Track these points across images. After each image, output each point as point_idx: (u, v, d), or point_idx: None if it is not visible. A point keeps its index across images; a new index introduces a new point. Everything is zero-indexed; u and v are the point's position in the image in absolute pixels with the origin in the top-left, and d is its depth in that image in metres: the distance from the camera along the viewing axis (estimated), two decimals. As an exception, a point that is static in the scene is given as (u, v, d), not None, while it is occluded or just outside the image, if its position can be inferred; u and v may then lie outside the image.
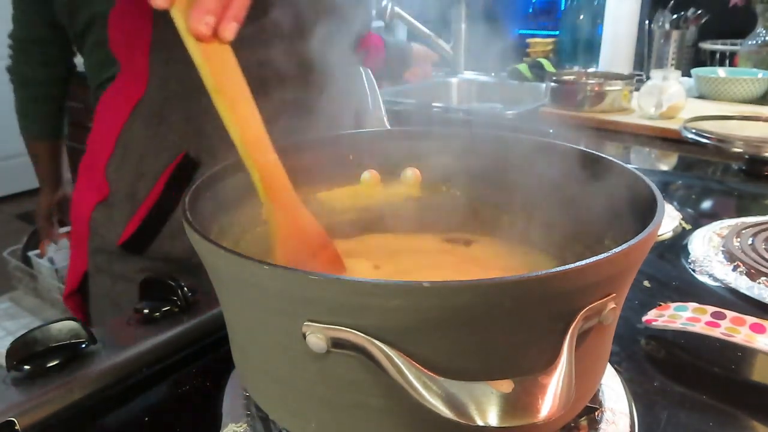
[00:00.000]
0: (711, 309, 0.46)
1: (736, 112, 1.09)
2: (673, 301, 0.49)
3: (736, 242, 0.61)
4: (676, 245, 0.64)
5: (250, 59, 0.40)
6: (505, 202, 0.49)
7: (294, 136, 0.48)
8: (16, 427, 0.37)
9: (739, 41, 1.51)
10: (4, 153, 2.72)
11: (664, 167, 1.04)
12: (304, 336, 0.27)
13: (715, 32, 1.57)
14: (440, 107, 1.44)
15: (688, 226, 0.69)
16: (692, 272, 0.58)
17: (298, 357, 0.29)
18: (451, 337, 0.27)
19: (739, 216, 0.70)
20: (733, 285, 0.55)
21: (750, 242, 0.61)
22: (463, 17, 1.79)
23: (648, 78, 1.25)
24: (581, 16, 1.71)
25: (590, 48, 1.69)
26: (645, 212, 0.34)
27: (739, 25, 1.50)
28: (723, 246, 0.61)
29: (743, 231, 0.63)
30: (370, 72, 0.60)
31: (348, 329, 0.27)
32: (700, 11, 1.51)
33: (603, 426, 0.37)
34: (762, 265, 0.56)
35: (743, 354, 0.45)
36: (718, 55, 1.55)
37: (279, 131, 0.41)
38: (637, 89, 1.24)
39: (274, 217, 0.40)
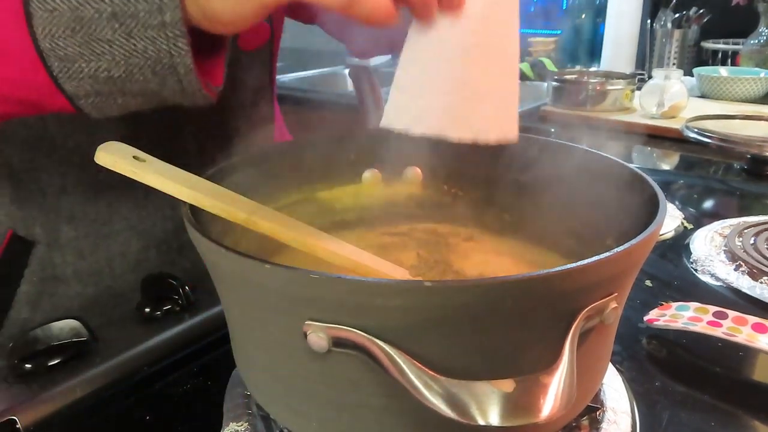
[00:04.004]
0: (713, 309, 0.46)
1: (738, 112, 1.09)
2: (674, 301, 0.49)
3: (737, 242, 0.61)
4: (678, 245, 0.64)
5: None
6: (507, 201, 0.49)
7: (295, 135, 0.48)
8: (17, 426, 0.37)
9: (741, 40, 1.51)
10: None
11: (666, 167, 1.04)
12: (305, 335, 0.27)
13: (717, 31, 1.57)
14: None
15: (689, 226, 0.69)
16: (694, 272, 0.58)
17: (299, 356, 0.29)
18: (452, 336, 0.27)
19: (741, 215, 0.70)
20: (734, 285, 0.55)
21: (752, 242, 0.61)
22: (465, 16, 1.78)
23: (650, 77, 1.25)
24: (583, 16, 1.71)
25: (592, 47, 1.69)
26: (647, 212, 0.34)
27: (741, 25, 1.50)
28: (725, 246, 0.61)
29: (745, 231, 0.63)
30: (371, 70, 0.60)
31: (349, 328, 0.27)
32: (702, 10, 1.51)
33: (604, 426, 0.37)
34: (764, 265, 0.56)
35: (745, 354, 0.45)
36: (720, 55, 1.55)
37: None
38: (639, 88, 1.24)
39: None
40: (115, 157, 0.33)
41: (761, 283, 0.54)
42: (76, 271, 0.55)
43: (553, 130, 1.21)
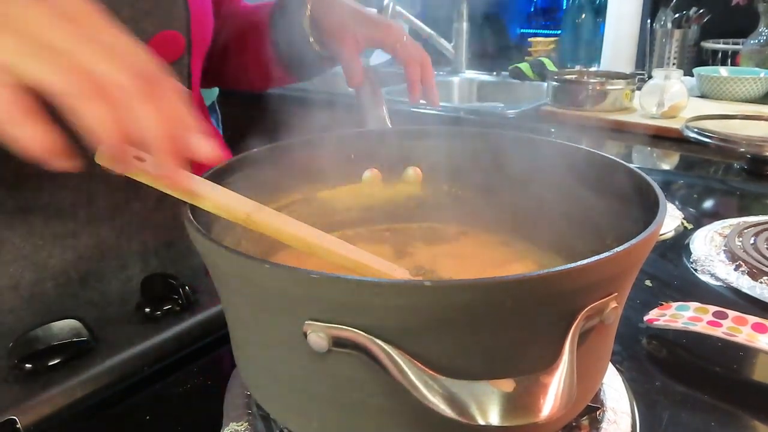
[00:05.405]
0: (713, 308, 0.46)
1: (738, 112, 1.09)
2: (674, 301, 0.49)
3: (737, 242, 0.61)
4: (678, 245, 0.64)
5: None
6: (507, 201, 0.49)
7: (296, 135, 0.48)
8: (17, 426, 0.37)
9: (741, 40, 1.51)
10: None
11: (666, 166, 1.04)
12: (305, 335, 0.27)
13: (717, 31, 1.57)
14: (442, 106, 1.43)
15: (689, 226, 0.69)
16: (694, 272, 0.58)
17: (299, 356, 0.29)
18: (452, 336, 0.27)
19: (740, 215, 0.70)
20: (734, 284, 0.55)
21: (752, 242, 0.61)
22: (465, 16, 1.79)
23: (650, 77, 1.25)
24: (583, 15, 1.71)
25: (592, 47, 1.69)
26: (647, 211, 0.34)
27: (741, 25, 1.50)
28: (725, 245, 0.61)
29: (745, 230, 0.63)
30: (371, 69, 0.60)
31: (349, 328, 0.27)
32: (702, 10, 1.51)
33: (604, 425, 0.37)
34: (764, 265, 0.56)
35: (745, 354, 0.45)
36: (720, 55, 1.55)
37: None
38: (639, 88, 1.24)
39: None
40: None
41: (761, 283, 0.54)
42: None
43: (553, 130, 1.21)
